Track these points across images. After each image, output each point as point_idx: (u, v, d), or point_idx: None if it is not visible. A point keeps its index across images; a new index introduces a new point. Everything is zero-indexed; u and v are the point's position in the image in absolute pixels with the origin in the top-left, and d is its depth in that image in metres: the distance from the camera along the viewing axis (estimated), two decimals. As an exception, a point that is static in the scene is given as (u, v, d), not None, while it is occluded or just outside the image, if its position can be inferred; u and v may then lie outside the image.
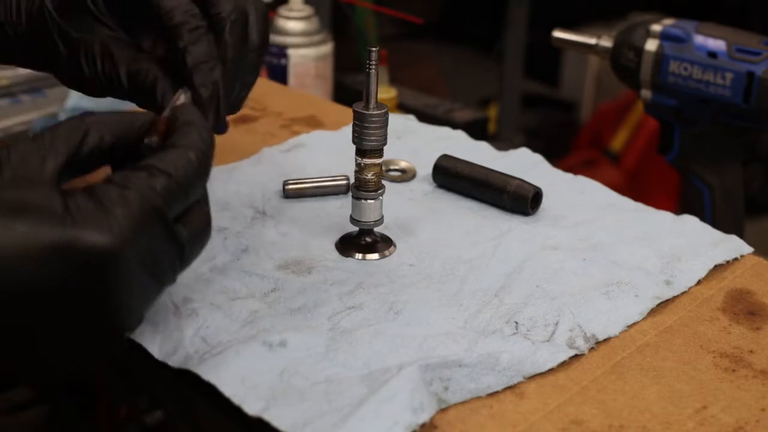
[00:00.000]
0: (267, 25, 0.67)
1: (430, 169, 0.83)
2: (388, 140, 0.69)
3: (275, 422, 0.53)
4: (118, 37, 0.65)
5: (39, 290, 0.48)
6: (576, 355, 0.62)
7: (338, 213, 0.77)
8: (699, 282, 0.70)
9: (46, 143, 0.53)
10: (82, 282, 0.49)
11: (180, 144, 0.54)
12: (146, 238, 0.51)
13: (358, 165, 0.70)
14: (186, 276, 0.66)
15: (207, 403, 0.57)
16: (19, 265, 0.47)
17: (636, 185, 2.25)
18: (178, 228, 0.53)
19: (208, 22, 0.63)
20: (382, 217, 0.71)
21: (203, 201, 0.57)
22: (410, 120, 0.96)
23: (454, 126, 0.97)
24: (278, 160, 0.85)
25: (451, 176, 0.81)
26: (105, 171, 0.56)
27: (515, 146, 0.91)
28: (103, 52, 0.64)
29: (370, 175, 0.70)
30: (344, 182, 0.80)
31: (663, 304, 0.68)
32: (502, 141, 1.70)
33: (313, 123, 0.96)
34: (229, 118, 0.95)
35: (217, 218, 0.75)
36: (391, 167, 0.84)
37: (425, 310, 0.64)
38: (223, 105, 0.62)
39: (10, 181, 0.50)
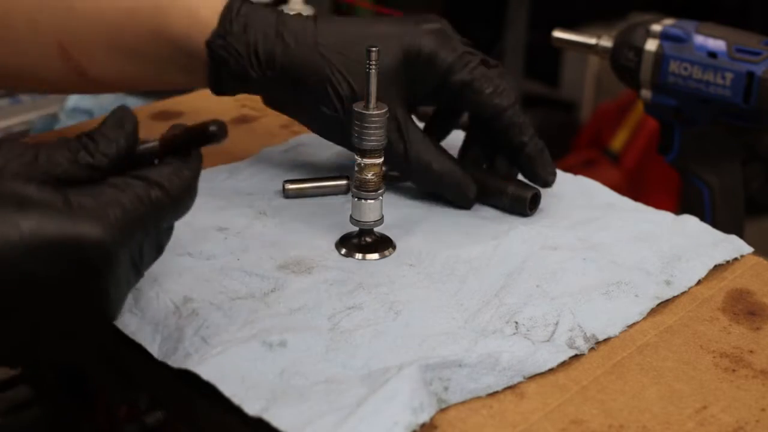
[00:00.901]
0: None
1: (430, 169, 0.82)
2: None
3: (275, 422, 0.53)
4: None
5: (39, 281, 0.50)
6: (576, 355, 0.62)
7: (338, 213, 0.77)
8: (699, 282, 0.70)
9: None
10: (79, 274, 0.51)
11: (176, 163, 0.56)
12: (137, 239, 0.54)
13: (358, 165, 0.70)
14: (186, 276, 0.66)
15: (207, 403, 0.57)
16: (22, 258, 0.49)
17: (636, 185, 2.25)
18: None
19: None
20: (382, 217, 0.71)
21: None
22: (410, 120, 0.96)
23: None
24: (278, 160, 0.85)
25: None
26: None
27: (515, 146, 0.91)
28: None
29: (370, 175, 0.70)
30: (344, 182, 0.80)
31: (663, 304, 0.68)
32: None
33: (313, 123, 0.96)
34: (229, 118, 0.95)
35: (217, 218, 0.75)
36: (391, 167, 0.84)
37: (425, 310, 0.64)
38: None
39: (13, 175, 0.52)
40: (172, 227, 0.59)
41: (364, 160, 0.69)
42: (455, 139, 0.83)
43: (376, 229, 0.72)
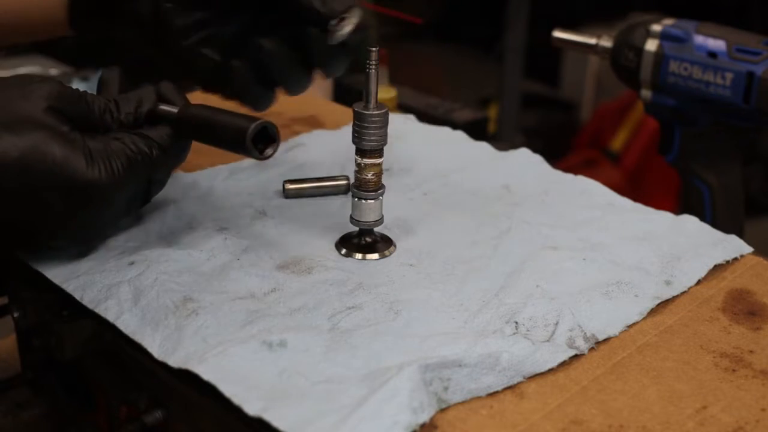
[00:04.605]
0: None
1: (430, 169, 0.83)
2: (388, 140, 0.69)
3: (275, 422, 0.53)
4: None
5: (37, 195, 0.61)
6: (576, 355, 0.62)
7: (338, 213, 0.77)
8: (699, 282, 0.70)
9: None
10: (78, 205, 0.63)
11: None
12: (133, 187, 0.65)
13: (358, 165, 0.70)
14: (186, 276, 0.66)
15: (207, 403, 0.57)
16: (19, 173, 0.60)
17: (636, 185, 2.25)
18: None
19: None
20: (382, 217, 0.71)
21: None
22: (410, 120, 0.96)
23: (454, 126, 0.97)
24: (278, 160, 0.85)
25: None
26: None
27: (515, 146, 0.91)
28: None
29: (370, 175, 0.70)
30: (344, 182, 0.80)
31: (663, 304, 0.68)
32: (502, 141, 1.69)
33: (313, 123, 0.96)
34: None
35: (217, 218, 0.75)
36: (391, 167, 0.84)
37: (425, 310, 0.64)
38: None
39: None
40: (164, 182, 0.69)
41: (364, 160, 0.69)
42: (454, 139, 0.83)
43: (376, 229, 0.72)
